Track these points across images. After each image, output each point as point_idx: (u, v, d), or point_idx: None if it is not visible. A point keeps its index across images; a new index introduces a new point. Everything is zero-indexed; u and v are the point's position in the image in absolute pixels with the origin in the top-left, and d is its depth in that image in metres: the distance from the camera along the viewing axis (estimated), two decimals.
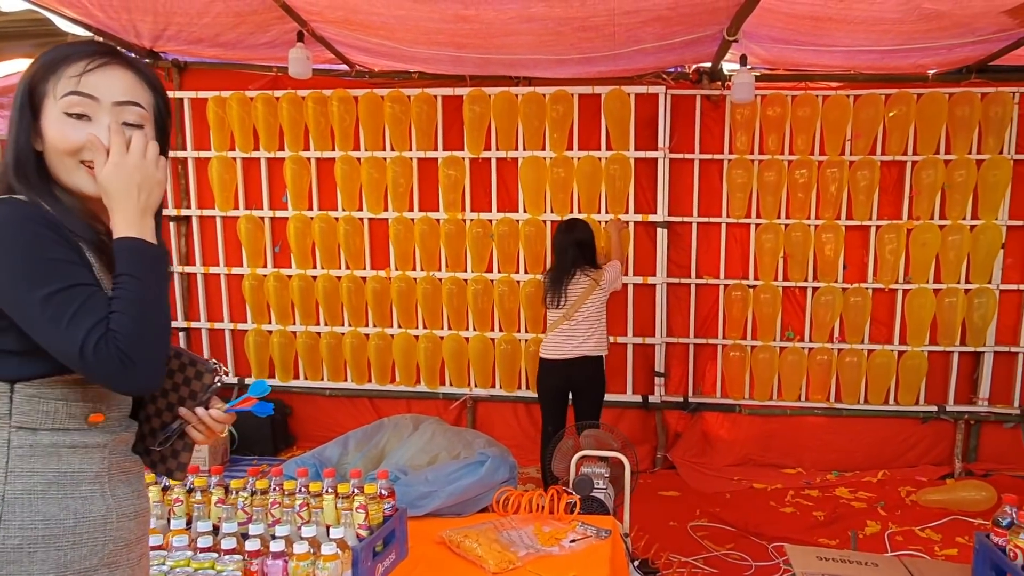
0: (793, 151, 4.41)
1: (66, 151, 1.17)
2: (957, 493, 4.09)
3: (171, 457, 1.31)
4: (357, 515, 2.08)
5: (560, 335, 3.80)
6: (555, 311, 3.81)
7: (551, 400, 3.90)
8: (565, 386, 3.86)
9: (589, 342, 3.78)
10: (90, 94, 1.16)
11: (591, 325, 3.78)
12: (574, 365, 3.78)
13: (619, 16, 3.23)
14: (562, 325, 3.79)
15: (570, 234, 3.80)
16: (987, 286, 4.37)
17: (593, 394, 3.88)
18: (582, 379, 3.82)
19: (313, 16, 3.56)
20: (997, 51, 3.90)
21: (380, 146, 4.58)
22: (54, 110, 1.16)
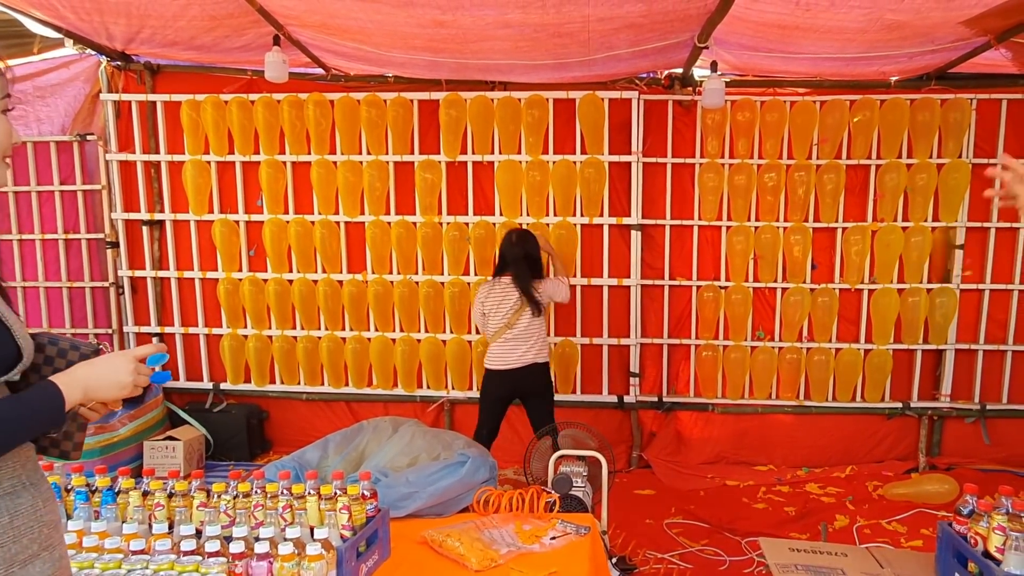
0: (762, 155, 4.52)
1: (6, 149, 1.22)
2: (921, 487, 4.22)
3: (64, 439, 1.34)
4: (340, 516, 2.09)
5: (504, 344, 3.84)
6: (498, 320, 3.84)
7: (492, 406, 3.96)
8: (510, 395, 3.93)
9: (533, 349, 3.84)
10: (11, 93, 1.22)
11: (533, 333, 3.84)
12: (523, 373, 3.84)
13: (593, 23, 3.29)
14: (505, 335, 3.83)
15: (521, 246, 3.85)
16: (948, 286, 4.52)
17: (546, 398, 3.96)
18: (533, 386, 3.88)
19: (290, 20, 3.56)
20: (955, 59, 4.04)
21: (356, 150, 4.59)
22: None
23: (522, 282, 3.80)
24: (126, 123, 4.71)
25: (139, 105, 4.66)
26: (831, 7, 3.12)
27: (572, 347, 4.70)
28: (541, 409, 3.93)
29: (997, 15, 3.26)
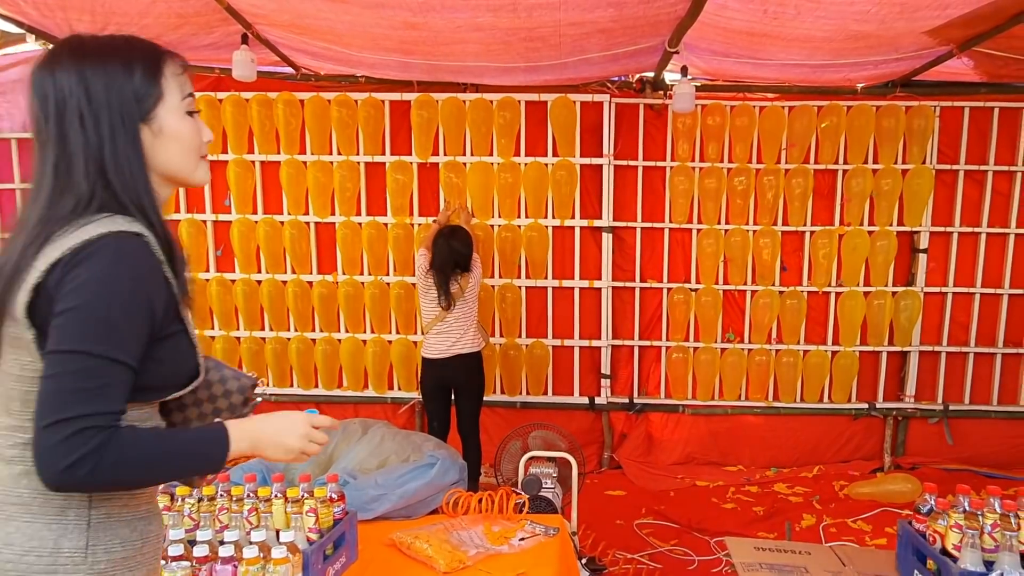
0: (732, 159, 4.57)
1: (200, 148, 1.21)
2: (886, 486, 4.30)
3: None
4: (307, 519, 2.08)
5: (437, 335, 3.89)
6: (431, 311, 3.89)
7: (433, 398, 3.99)
8: (445, 384, 3.96)
9: (464, 339, 3.88)
10: (194, 93, 1.22)
11: (465, 323, 3.88)
12: (453, 363, 3.88)
13: (564, 27, 3.30)
14: (438, 324, 3.87)
15: (452, 240, 3.87)
16: (912, 289, 4.61)
17: (473, 390, 4.00)
18: (461, 376, 3.93)
19: (258, 19, 3.52)
20: (919, 67, 4.12)
21: (327, 150, 4.56)
22: (174, 109, 1.16)
23: (439, 278, 3.83)
24: None
25: None
26: (798, 16, 3.17)
27: (543, 348, 4.71)
28: (463, 406, 4.00)
29: (959, 25, 3.34)
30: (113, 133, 1.10)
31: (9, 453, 1.09)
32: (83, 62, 1.10)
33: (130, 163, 1.12)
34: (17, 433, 1.08)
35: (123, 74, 1.11)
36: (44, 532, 1.07)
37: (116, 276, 1.04)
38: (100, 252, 1.03)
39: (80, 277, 1.02)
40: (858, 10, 3.03)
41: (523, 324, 4.71)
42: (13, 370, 1.08)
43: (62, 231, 1.06)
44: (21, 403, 1.08)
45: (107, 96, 1.10)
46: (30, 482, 1.06)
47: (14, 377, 1.08)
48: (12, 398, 1.09)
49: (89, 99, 1.09)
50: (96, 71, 1.10)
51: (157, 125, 1.15)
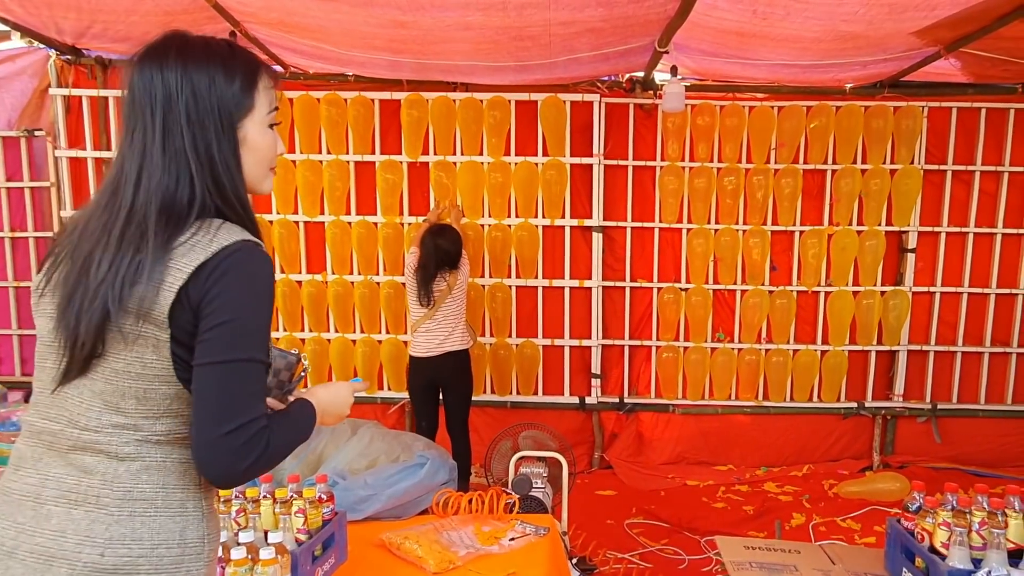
0: (722, 159, 4.58)
1: (272, 160, 1.24)
2: (875, 485, 4.32)
3: None
4: (296, 519, 2.06)
5: (425, 333, 3.88)
6: (418, 309, 3.88)
7: (421, 397, 3.98)
8: (431, 382, 3.95)
9: (452, 337, 3.87)
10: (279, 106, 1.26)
11: (452, 321, 3.88)
12: (440, 361, 3.87)
13: (554, 26, 3.30)
14: (426, 323, 3.87)
15: (439, 239, 3.86)
16: (900, 288, 4.63)
17: (460, 389, 3.99)
18: (448, 374, 3.92)
19: (246, 17, 3.50)
20: (907, 68, 4.14)
21: (316, 149, 4.54)
22: (260, 122, 1.19)
23: (422, 275, 3.83)
24: (76, 119, 4.58)
25: (90, 100, 4.54)
26: (787, 16, 3.18)
27: (534, 348, 4.70)
28: (451, 405, 3.99)
29: (946, 26, 3.36)
30: (218, 137, 1.14)
31: (124, 451, 1.10)
32: (189, 62, 1.13)
33: (232, 167, 1.16)
34: (130, 431, 1.10)
35: (225, 80, 1.15)
36: (170, 525, 1.11)
37: (264, 286, 1.12)
38: (246, 262, 1.09)
39: (233, 286, 1.07)
40: (846, 11, 3.04)
41: (513, 324, 4.70)
42: (132, 368, 1.09)
43: (190, 232, 1.09)
44: (137, 401, 1.10)
45: (210, 99, 1.13)
46: (150, 477, 1.11)
47: (132, 375, 1.09)
48: (126, 396, 1.09)
49: (196, 100, 1.12)
50: (201, 73, 1.13)
51: (243, 134, 1.18)
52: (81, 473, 1.09)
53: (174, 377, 1.10)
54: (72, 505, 1.08)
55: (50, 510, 1.08)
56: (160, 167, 1.11)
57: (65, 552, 1.06)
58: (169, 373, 1.09)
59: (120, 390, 1.09)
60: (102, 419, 1.09)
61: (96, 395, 1.09)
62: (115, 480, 1.09)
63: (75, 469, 1.09)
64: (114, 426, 1.09)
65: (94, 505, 1.08)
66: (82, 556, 1.06)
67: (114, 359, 1.09)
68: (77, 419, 1.10)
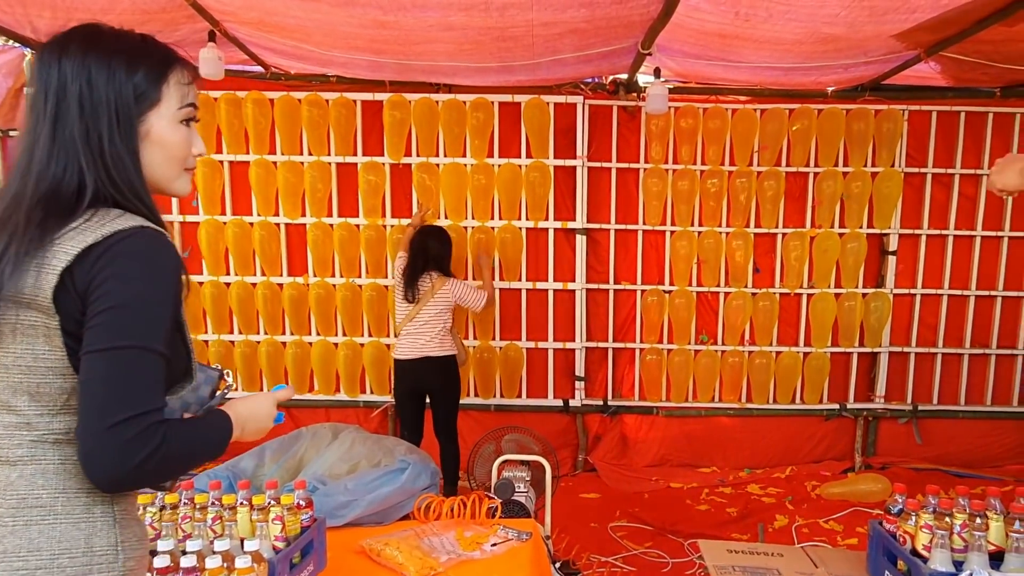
0: (705, 161, 4.59)
1: (183, 158, 1.20)
2: (857, 486, 4.33)
3: None
4: (273, 527, 2.03)
5: (407, 336, 3.87)
6: (403, 309, 3.87)
7: (405, 404, 3.95)
8: (415, 387, 3.91)
9: (434, 342, 3.84)
10: (196, 103, 1.22)
11: (435, 326, 3.85)
12: (422, 366, 3.85)
13: (537, 27, 3.28)
14: (408, 325, 3.86)
15: (428, 240, 3.90)
16: (881, 290, 4.66)
17: (446, 394, 3.95)
18: (432, 380, 3.89)
19: (226, 16, 3.46)
20: (888, 71, 4.17)
21: (297, 150, 4.49)
22: (168, 117, 1.16)
23: (409, 271, 3.84)
24: None
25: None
26: (769, 19, 3.18)
27: (517, 351, 4.68)
28: (437, 408, 3.96)
29: (926, 30, 3.38)
30: (111, 128, 1.11)
31: (17, 454, 1.04)
32: (90, 51, 1.11)
33: (126, 160, 1.12)
34: (23, 431, 1.04)
35: (127, 71, 1.12)
36: (73, 532, 1.04)
37: (160, 271, 1.06)
38: (140, 245, 1.04)
39: (124, 270, 1.02)
40: (828, 13, 3.05)
41: (497, 326, 4.68)
42: (22, 361, 1.03)
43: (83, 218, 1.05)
44: (30, 397, 1.04)
45: (107, 90, 1.10)
46: (47, 482, 1.04)
47: (23, 369, 1.03)
48: (17, 392, 1.03)
49: (91, 89, 1.09)
50: (100, 63, 1.11)
51: (146, 128, 1.15)
52: None
53: (70, 369, 1.04)
54: None
55: None
56: (47, 154, 1.09)
57: None
58: (64, 365, 1.04)
59: (10, 386, 1.03)
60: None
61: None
62: (7, 487, 1.03)
63: None
64: (5, 427, 1.03)
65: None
66: None
67: (2, 354, 1.03)
68: None
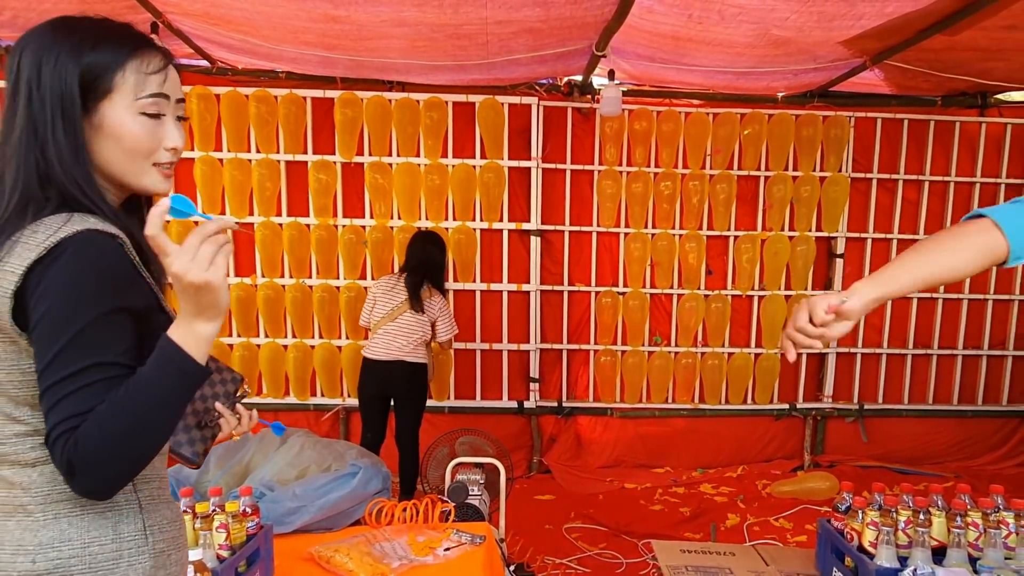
0: (659, 164, 4.62)
1: (147, 152, 1.11)
2: (805, 484, 4.41)
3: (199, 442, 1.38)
4: (217, 535, 1.96)
5: (383, 336, 3.81)
6: (385, 305, 3.82)
7: (369, 405, 3.90)
8: (382, 391, 3.86)
9: (407, 348, 3.80)
10: (167, 93, 1.12)
11: (412, 331, 3.80)
12: (392, 368, 3.79)
13: (492, 25, 3.26)
14: (386, 325, 3.80)
15: (429, 248, 3.87)
16: (829, 292, 4.76)
17: (413, 401, 3.91)
18: (400, 384, 3.84)
19: (169, 8, 3.34)
20: (836, 78, 4.26)
21: (245, 147, 4.38)
22: (127, 108, 1.08)
23: (411, 280, 3.80)
24: None
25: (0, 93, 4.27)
26: (722, 21, 3.22)
27: (472, 353, 4.64)
28: (402, 414, 3.90)
29: (872, 37, 3.46)
30: (54, 120, 1.05)
31: (32, 456, 1.06)
32: (44, 42, 1.06)
33: (65, 153, 1.05)
34: (33, 436, 1.06)
35: (72, 60, 1.05)
36: (100, 521, 1.08)
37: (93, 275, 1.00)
38: (70, 251, 0.99)
39: (51, 279, 0.99)
40: (778, 16, 3.10)
41: None
42: (13, 377, 1.04)
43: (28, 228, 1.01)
44: (31, 408, 1.05)
45: (51, 80, 1.04)
46: None
47: (15, 384, 1.04)
48: (18, 405, 1.05)
49: (39, 81, 1.04)
50: (50, 53, 1.05)
51: (98, 119, 1.08)
52: (7, 486, 1.06)
53: None
54: (5, 517, 1.06)
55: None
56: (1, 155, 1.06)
57: (2, 563, 1.05)
58: None
59: (10, 400, 1.05)
60: (4, 431, 1.05)
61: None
62: (32, 486, 1.06)
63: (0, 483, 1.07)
64: (16, 435, 1.06)
65: (23, 514, 1.05)
66: (16, 565, 1.04)
67: None
68: None
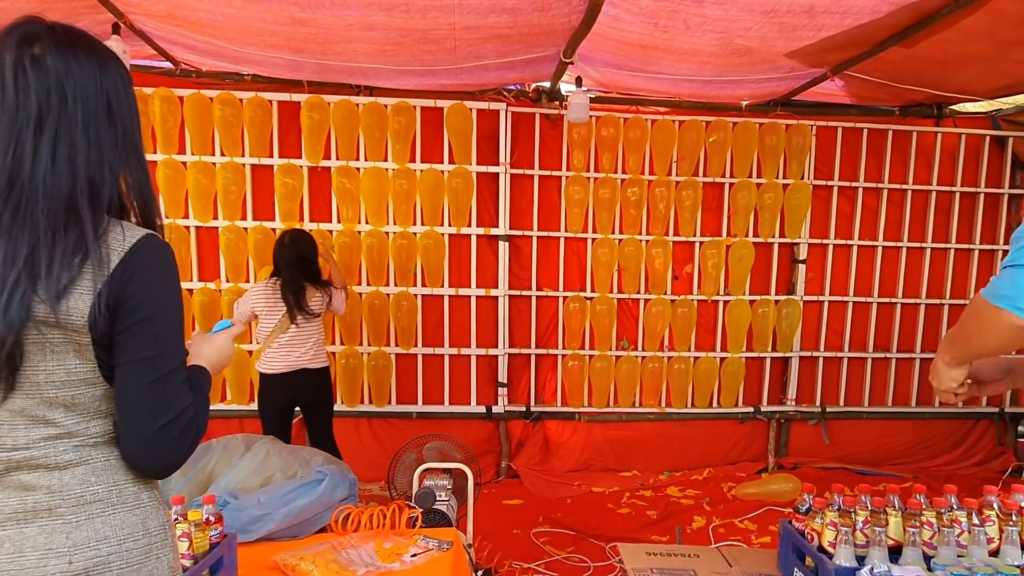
0: (626, 170, 4.67)
1: None
2: (769, 486, 4.48)
3: None
4: (180, 544, 1.92)
5: (278, 349, 3.66)
6: (270, 324, 3.67)
7: (275, 419, 3.73)
8: (287, 402, 3.75)
9: (308, 354, 3.71)
10: None
11: (310, 338, 3.71)
12: (296, 379, 3.68)
13: (460, 31, 3.26)
14: (278, 338, 3.66)
15: (293, 248, 3.68)
16: (792, 297, 4.85)
17: (323, 407, 3.85)
18: (307, 393, 3.74)
19: (131, 8, 3.28)
20: (798, 87, 4.35)
21: (209, 150, 4.32)
22: None
23: (290, 289, 3.62)
24: None
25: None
26: (687, 30, 3.27)
27: (440, 358, 4.63)
28: (316, 420, 3.84)
29: (832, 49, 3.54)
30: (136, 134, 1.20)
31: (64, 459, 1.08)
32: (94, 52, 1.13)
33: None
34: (65, 439, 1.08)
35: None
36: (131, 519, 1.13)
37: (172, 276, 1.15)
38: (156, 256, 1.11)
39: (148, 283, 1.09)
40: (741, 27, 3.16)
41: (419, 333, 4.61)
42: (55, 377, 1.06)
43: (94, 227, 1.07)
44: (65, 409, 1.08)
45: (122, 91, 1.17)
46: (99, 479, 1.11)
47: (56, 384, 1.06)
48: (53, 406, 1.07)
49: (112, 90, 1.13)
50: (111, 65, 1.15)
51: None
52: (22, 492, 1.06)
53: (100, 378, 1.10)
54: (22, 524, 1.06)
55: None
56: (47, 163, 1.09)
57: (28, 570, 1.05)
58: (96, 375, 1.09)
59: (45, 402, 1.06)
60: (31, 435, 1.06)
61: (16, 413, 1.06)
62: (63, 489, 1.08)
63: (14, 490, 1.06)
64: (45, 439, 1.07)
65: (47, 518, 1.06)
66: (48, 568, 1.05)
67: (32, 372, 1.05)
68: (3, 442, 1.06)
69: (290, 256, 3.64)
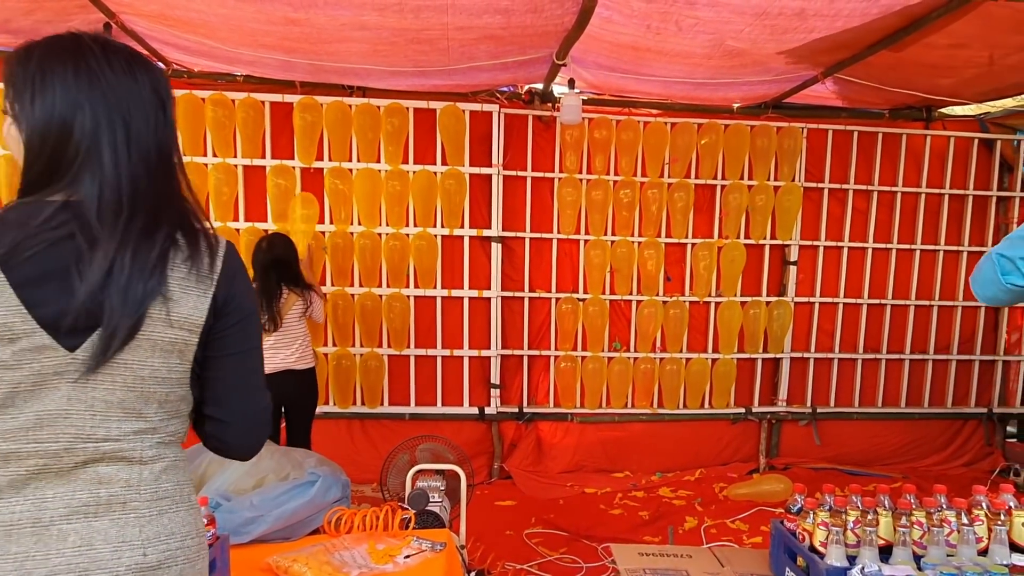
0: (618, 172, 4.68)
1: None
2: (761, 486, 4.50)
3: None
4: None
5: (267, 351, 3.64)
6: None
7: None
8: (276, 402, 3.70)
9: (294, 355, 3.72)
10: None
11: (296, 338, 3.72)
12: (284, 379, 3.70)
13: (452, 31, 3.27)
14: (267, 340, 3.65)
15: (269, 253, 3.68)
16: (783, 299, 4.87)
17: (306, 407, 3.87)
18: (294, 393, 3.76)
19: (123, 8, 3.27)
20: (789, 90, 4.38)
21: (200, 151, 4.30)
22: None
23: (263, 295, 3.61)
24: None
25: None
26: (679, 32, 3.28)
27: (432, 359, 4.63)
28: (294, 421, 3.85)
29: (822, 51, 3.57)
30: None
31: (148, 454, 1.11)
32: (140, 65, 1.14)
33: None
34: (149, 435, 1.11)
35: None
36: (189, 517, 1.17)
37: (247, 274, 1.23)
38: (239, 258, 1.20)
39: (242, 283, 1.18)
40: (733, 28, 3.17)
41: (412, 334, 4.61)
42: (158, 373, 1.10)
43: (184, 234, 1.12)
44: (159, 405, 1.11)
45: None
46: (169, 476, 1.14)
47: (158, 380, 1.10)
48: (149, 401, 1.10)
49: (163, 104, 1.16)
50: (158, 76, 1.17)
51: None
52: (95, 485, 1.06)
53: (188, 379, 1.15)
54: (91, 517, 1.06)
55: (62, 529, 1.04)
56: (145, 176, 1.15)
57: (100, 562, 1.05)
58: (186, 376, 1.14)
59: (144, 396, 1.09)
60: (123, 427, 1.08)
61: (113, 405, 1.07)
62: (140, 484, 1.10)
63: (85, 483, 1.06)
64: (136, 432, 1.10)
65: (120, 511, 1.08)
66: (123, 560, 1.06)
67: (139, 367, 1.08)
68: (91, 433, 1.06)
69: (265, 261, 3.65)
